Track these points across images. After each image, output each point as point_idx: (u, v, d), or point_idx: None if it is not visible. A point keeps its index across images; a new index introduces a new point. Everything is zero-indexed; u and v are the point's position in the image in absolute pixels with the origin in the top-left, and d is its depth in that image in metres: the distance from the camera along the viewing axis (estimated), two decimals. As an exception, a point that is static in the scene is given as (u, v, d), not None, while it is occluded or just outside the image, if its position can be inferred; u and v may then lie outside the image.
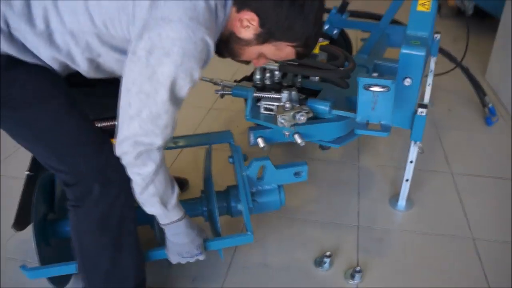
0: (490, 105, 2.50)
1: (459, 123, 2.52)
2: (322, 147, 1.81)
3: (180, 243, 1.27)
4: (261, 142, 1.59)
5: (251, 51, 1.16)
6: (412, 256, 1.64)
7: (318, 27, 1.15)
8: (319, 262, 1.59)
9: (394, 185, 2.00)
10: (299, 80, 1.75)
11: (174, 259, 1.32)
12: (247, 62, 1.25)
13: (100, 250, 1.20)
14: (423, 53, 1.58)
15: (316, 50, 1.74)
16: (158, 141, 1.07)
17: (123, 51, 1.05)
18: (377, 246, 1.69)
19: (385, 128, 1.49)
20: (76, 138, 1.12)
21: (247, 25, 1.09)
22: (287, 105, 1.47)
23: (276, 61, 1.65)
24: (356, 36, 3.55)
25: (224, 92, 1.64)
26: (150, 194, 1.13)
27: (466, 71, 2.58)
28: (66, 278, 1.47)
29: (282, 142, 1.69)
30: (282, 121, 1.45)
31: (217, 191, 1.49)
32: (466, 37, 2.49)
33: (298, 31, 1.10)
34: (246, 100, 1.66)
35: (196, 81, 1.05)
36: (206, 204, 1.51)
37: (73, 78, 1.16)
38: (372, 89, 1.45)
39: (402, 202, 1.86)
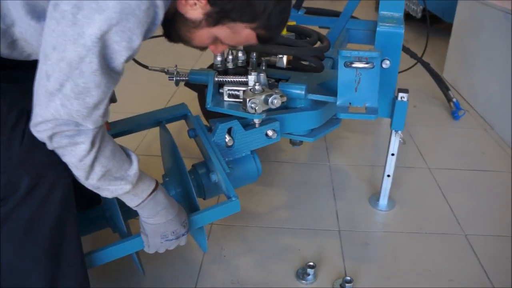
0: (454, 100, 2.42)
1: (427, 119, 2.42)
2: (293, 142, 1.58)
3: (163, 221, 1.00)
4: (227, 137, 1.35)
5: (202, 35, 0.94)
6: (404, 259, 1.44)
7: (284, 2, 0.93)
8: (301, 274, 1.34)
9: (372, 184, 1.82)
10: (263, 68, 1.53)
11: (155, 244, 1.04)
12: (203, 48, 1.01)
13: (29, 265, 0.89)
14: (401, 31, 1.46)
15: (283, 31, 1.54)
16: (87, 125, 0.82)
17: (43, 16, 0.81)
18: (364, 251, 1.48)
19: (371, 111, 1.30)
20: None
21: (193, 3, 0.87)
22: (257, 87, 1.24)
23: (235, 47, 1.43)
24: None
25: (179, 78, 1.38)
26: (99, 175, 0.87)
27: (427, 66, 2.50)
28: None
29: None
30: (253, 105, 1.21)
31: None
32: (422, 38, 2.43)
33: (257, 9, 0.89)
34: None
35: (136, 51, 0.81)
36: (175, 186, 1.27)
37: None
38: (354, 65, 1.25)
39: (383, 201, 1.67)
